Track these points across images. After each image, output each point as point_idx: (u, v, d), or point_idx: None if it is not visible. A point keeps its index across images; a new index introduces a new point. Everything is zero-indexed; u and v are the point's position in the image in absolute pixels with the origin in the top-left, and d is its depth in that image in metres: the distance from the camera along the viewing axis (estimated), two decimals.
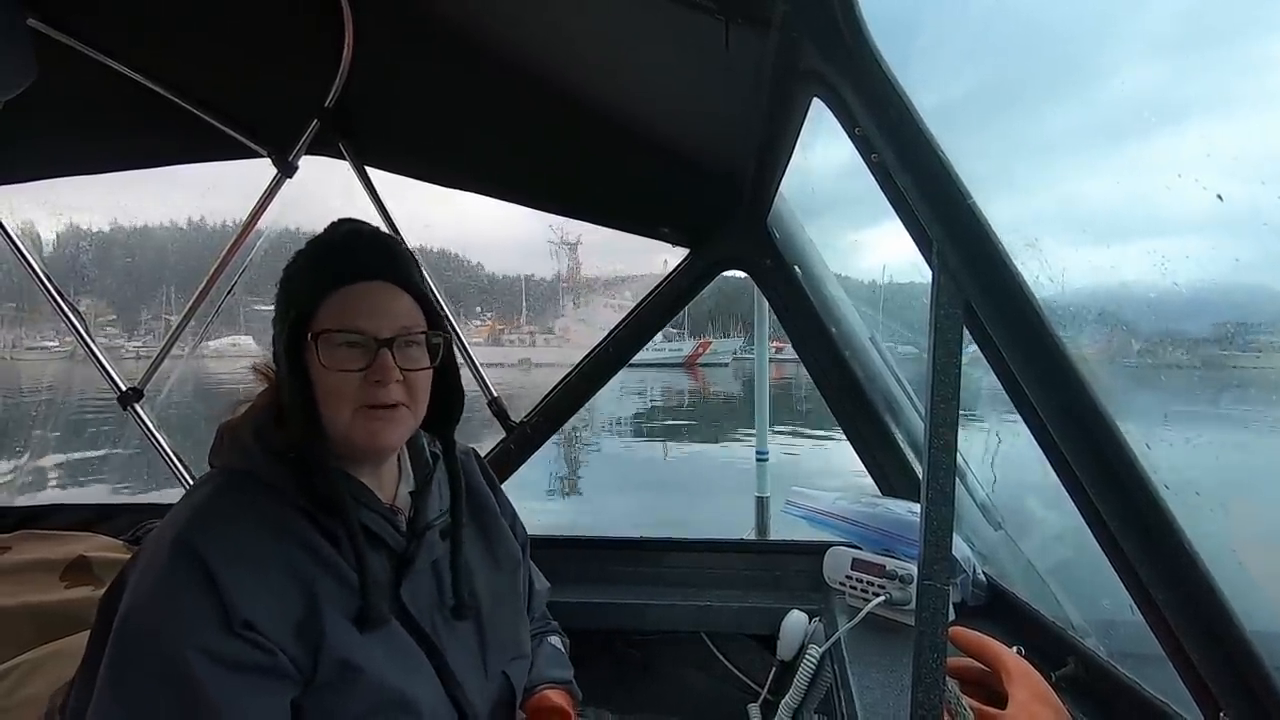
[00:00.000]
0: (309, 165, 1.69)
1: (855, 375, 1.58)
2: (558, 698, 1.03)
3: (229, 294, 1.84)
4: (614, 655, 1.61)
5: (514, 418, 1.75)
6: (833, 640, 1.22)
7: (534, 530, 1.15)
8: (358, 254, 0.82)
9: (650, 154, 1.44)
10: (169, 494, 1.94)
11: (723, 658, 1.57)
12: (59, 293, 1.80)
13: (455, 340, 0.90)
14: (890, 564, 1.26)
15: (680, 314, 1.73)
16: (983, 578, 1.29)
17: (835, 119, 0.82)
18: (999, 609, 1.27)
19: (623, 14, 1.04)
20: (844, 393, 1.59)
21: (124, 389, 1.80)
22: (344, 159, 1.65)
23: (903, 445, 1.57)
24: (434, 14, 1.27)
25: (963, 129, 0.74)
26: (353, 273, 0.80)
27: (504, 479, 1.72)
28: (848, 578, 1.32)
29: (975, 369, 0.68)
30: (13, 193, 1.79)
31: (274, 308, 0.83)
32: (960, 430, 0.64)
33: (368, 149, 1.66)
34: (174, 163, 1.75)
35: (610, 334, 1.71)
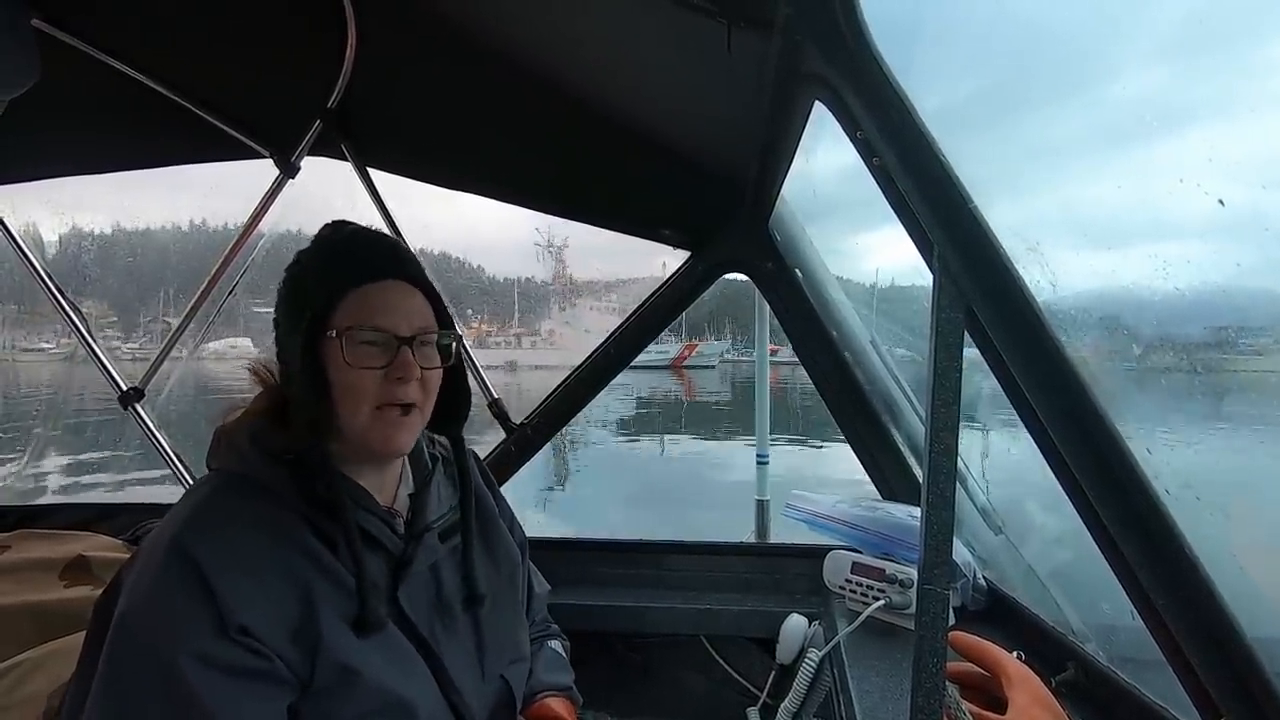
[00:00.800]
0: (311, 166, 1.69)
1: (856, 378, 1.58)
2: (558, 705, 1.02)
3: (230, 294, 1.84)
4: (613, 658, 1.60)
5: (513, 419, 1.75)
6: (832, 644, 1.22)
7: (531, 532, 1.15)
8: (371, 254, 0.83)
9: (652, 156, 1.45)
10: (168, 494, 1.94)
11: (722, 661, 1.57)
12: (61, 293, 1.80)
13: (457, 342, 0.90)
14: (890, 568, 1.26)
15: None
16: (983, 582, 1.29)
17: (837, 122, 0.82)
18: (999, 613, 1.26)
19: (625, 16, 1.05)
20: (844, 396, 1.59)
21: (125, 389, 1.80)
22: (346, 160, 1.66)
23: (903, 449, 1.57)
24: (436, 16, 1.28)
25: (965, 132, 0.74)
26: (371, 272, 0.80)
27: (504, 481, 1.72)
28: (847, 581, 1.32)
29: (972, 372, 0.68)
30: (13, 192, 1.80)
31: (278, 308, 0.83)
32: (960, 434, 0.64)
33: (370, 150, 1.66)
34: (177, 163, 1.75)
35: (611, 336, 1.71)
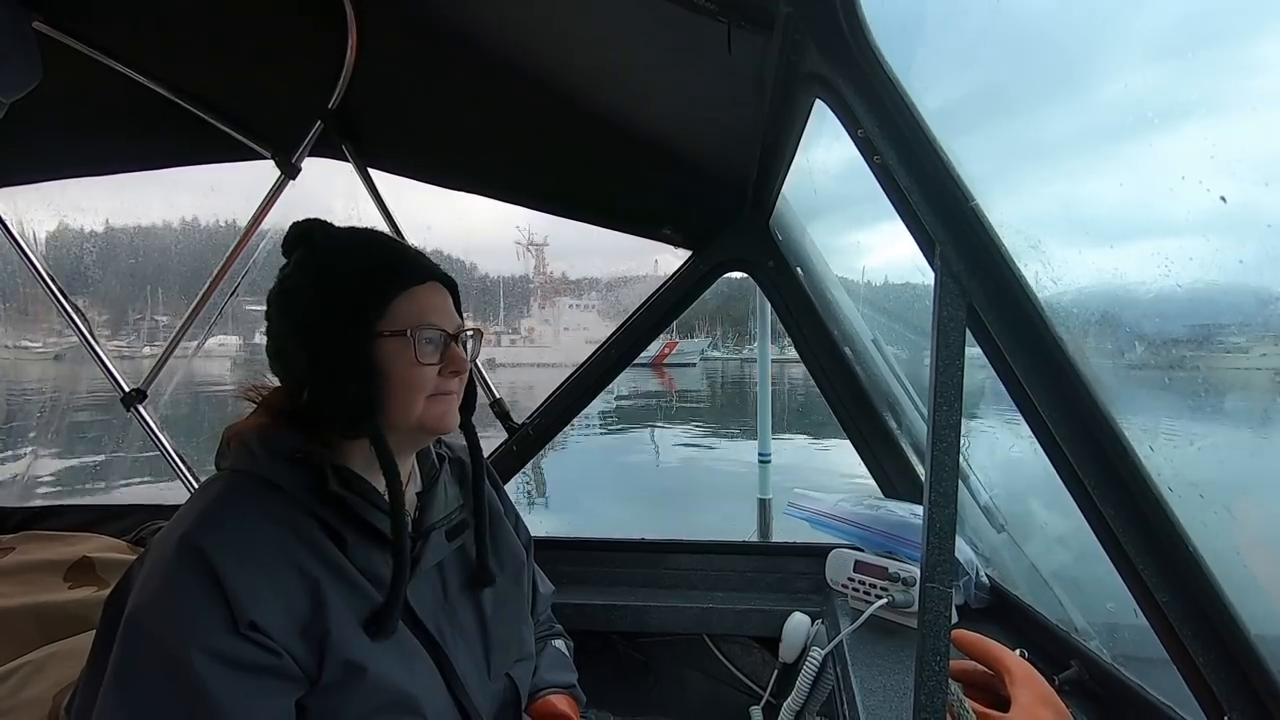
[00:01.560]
0: (311, 167, 1.69)
1: (857, 377, 1.58)
2: (561, 703, 1.03)
3: (233, 294, 1.84)
4: (616, 657, 1.61)
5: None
6: (835, 642, 1.22)
7: (535, 532, 1.16)
8: (407, 256, 0.86)
9: (653, 156, 1.45)
10: (173, 495, 1.94)
11: (725, 659, 1.57)
12: (62, 293, 1.80)
13: None
14: (893, 566, 1.26)
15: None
16: (986, 580, 1.29)
17: (838, 121, 0.82)
18: (1002, 611, 1.26)
19: (625, 16, 1.05)
20: (846, 394, 1.59)
21: (127, 390, 1.80)
22: (347, 161, 1.66)
23: (905, 447, 1.57)
24: (437, 17, 1.28)
25: (966, 130, 0.74)
26: (418, 275, 0.84)
27: (506, 480, 1.72)
28: (850, 580, 1.32)
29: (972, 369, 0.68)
30: (15, 194, 1.80)
31: (303, 311, 0.81)
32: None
33: (371, 151, 1.66)
34: (178, 164, 1.75)
35: (613, 336, 1.71)
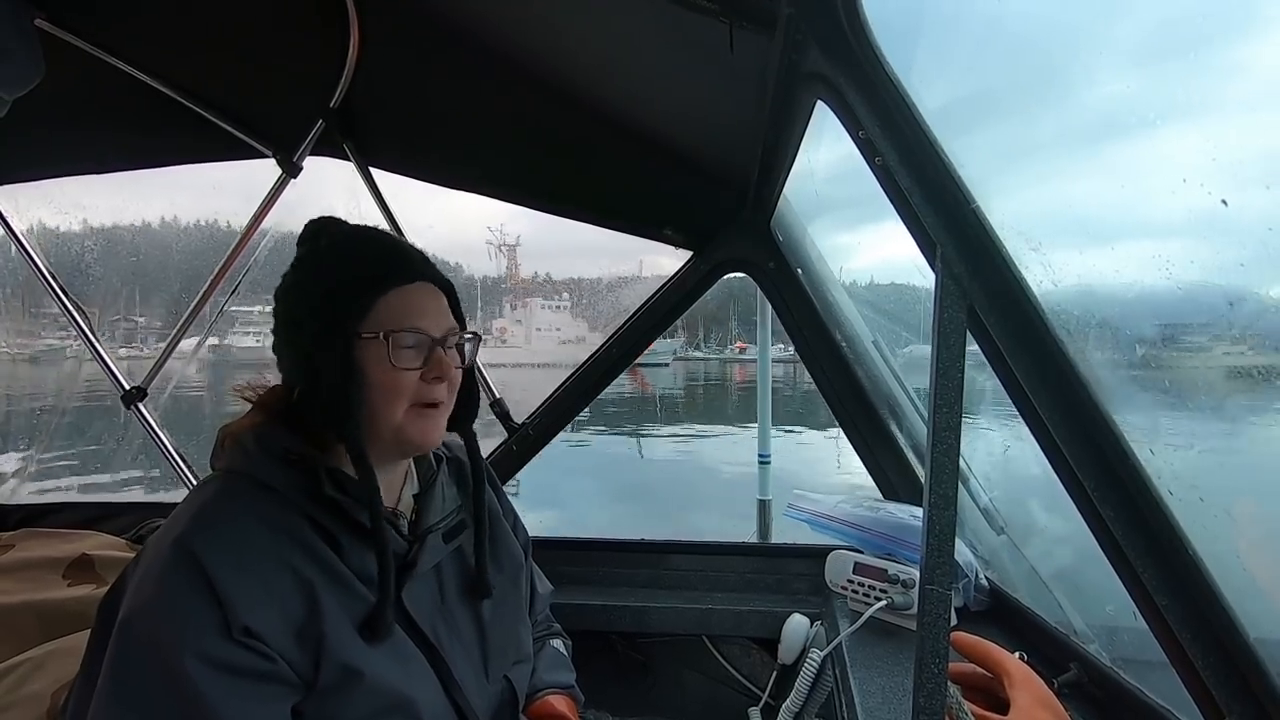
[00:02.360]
0: (313, 166, 1.69)
1: (857, 378, 1.58)
2: (560, 704, 1.03)
3: (233, 293, 1.84)
4: (615, 658, 1.61)
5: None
6: (834, 644, 1.22)
7: (534, 532, 1.16)
8: (399, 256, 0.84)
9: (654, 156, 1.45)
10: (172, 493, 1.94)
11: (724, 661, 1.57)
12: (64, 291, 1.81)
13: None
14: (892, 568, 1.26)
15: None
16: (985, 582, 1.29)
17: (838, 121, 0.82)
18: (1001, 614, 1.26)
19: (627, 17, 1.05)
20: (846, 395, 1.59)
21: (127, 389, 1.80)
22: (348, 160, 1.66)
23: (905, 448, 1.57)
24: (439, 16, 1.28)
25: (967, 132, 0.74)
26: (405, 275, 0.82)
27: (505, 481, 1.72)
28: (849, 581, 1.32)
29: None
30: (16, 191, 1.80)
31: (293, 310, 0.81)
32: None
33: (372, 150, 1.66)
34: (179, 163, 1.75)
35: (613, 336, 1.71)
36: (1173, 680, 0.65)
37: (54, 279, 1.80)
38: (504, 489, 1.11)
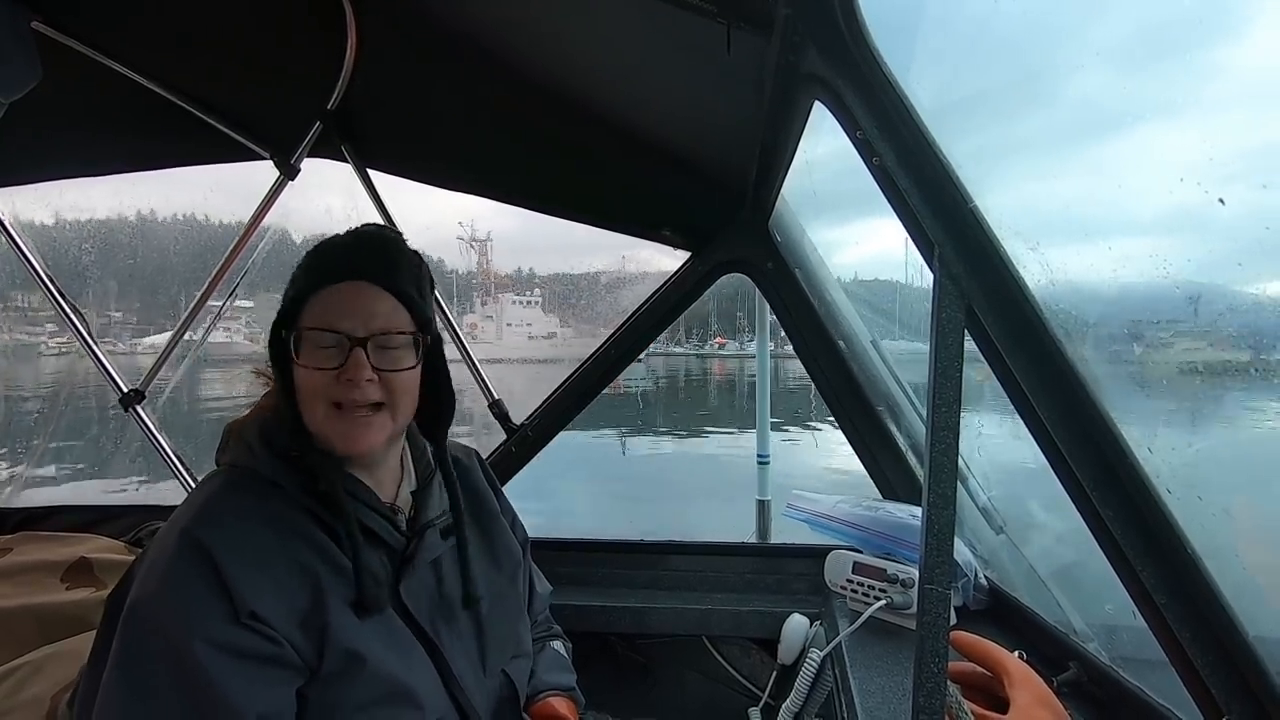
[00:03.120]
0: (311, 167, 1.69)
1: (856, 377, 1.58)
2: (561, 705, 1.03)
3: (232, 294, 1.84)
4: (614, 658, 1.60)
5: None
6: (834, 644, 1.22)
7: (533, 533, 1.15)
8: (347, 254, 0.84)
9: (652, 157, 1.45)
10: (170, 495, 1.94)
11: (723, 661, 1.57)
12: (60, 293, 1.80)
13: (456, 343, 0.90)
14: (891, 568, 1.26)
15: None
16: (984, 582, 1.29)
17: (836, 122, 0.82)
18: (1001, 613, 1.26)
19: (625, 18, 1.05)
20: (845, 395, 1.59)
21: (126, 390, 1.80)
22: (346, 161, 1.66)
23: (903, 448, 1.57)
24: (436, 18, 1.28)
25: (965, 132, 0.74)
26: (337, 273, 0.81)
27: (505, 481, 1.72)
28: (849, 581, 1.32)
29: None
30: (13, 194, 1.80)
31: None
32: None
33: (370, 152, 1.66)
34: (177, 165, 1.75)
35: (612, 336, 1.71)
36: (1172, 679, 0.65)
37: (51, 281, 1.80)
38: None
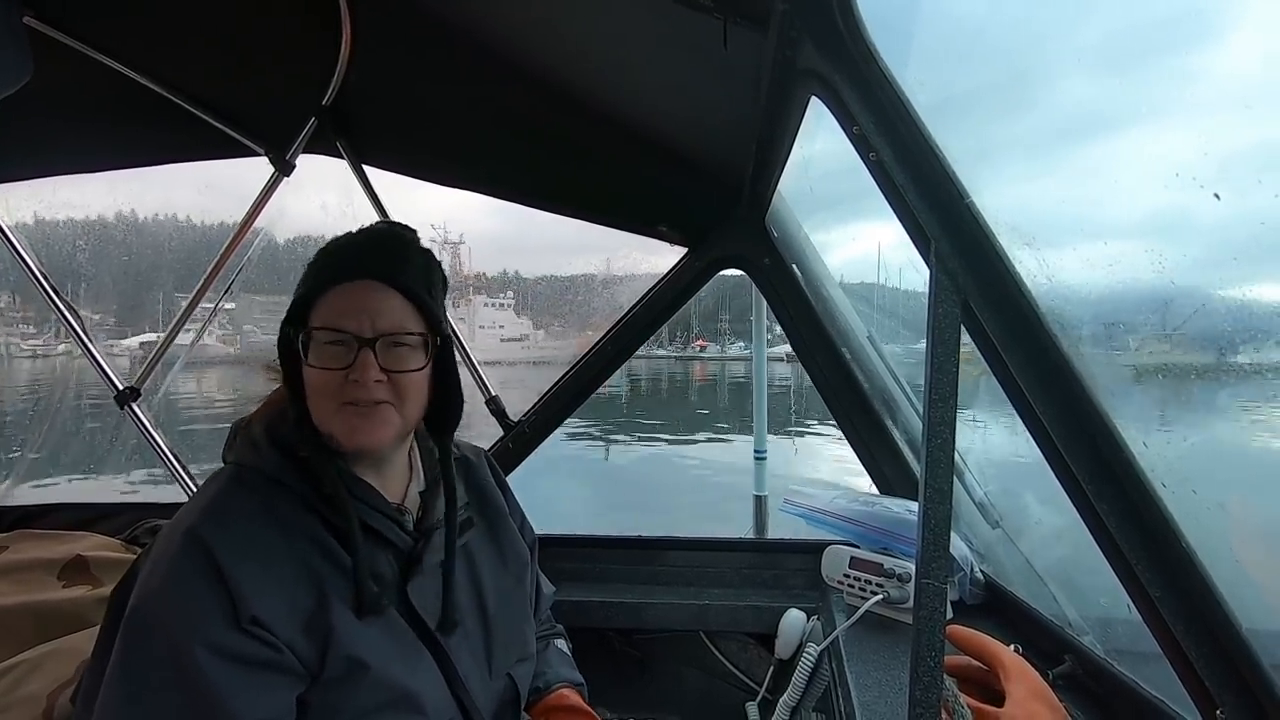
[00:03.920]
0: (306, 164, 1.68)
1: (853, 374, 1.58)
2: (574, 696, 1.04)
3: (227, 291, 1.84)
4: (612, 654, 1.61)
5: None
6: (831, 638, 1.22)
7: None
8: (357, 253, 0.83)
9: (648, 153, 1.44)
10: (168, 494, 1.94)
11: (721, 656, 1.58)
12: (55, 292, 1.79)
13: (455, 343, 0.90)
14: (888, 562, 1.27)
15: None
16: (980, 576, 1.29)
17: (833, 118, 0.82)
18: (996, 607, 1.27)
19: (621, 13, 1.04)
20: (842, 391, 1.59)
21: (121, 388, 1.79)
22: (342, 157, 1.65)
23: (900, 444, 1.57)
24: (431, 13, 1.27)
25: (961, 128, 0.74)
26: (346, 272, 0.81)
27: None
28: (846, 576, 1.32)
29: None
30: (8, 191, 1.79)
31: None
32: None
33: (365, 148, 1.66)
34: (171, 161, 1.74)
35: (609, 332, 1.71)
36: (1166, 671, 0.66)
37: (46, 280, 1.79)
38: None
